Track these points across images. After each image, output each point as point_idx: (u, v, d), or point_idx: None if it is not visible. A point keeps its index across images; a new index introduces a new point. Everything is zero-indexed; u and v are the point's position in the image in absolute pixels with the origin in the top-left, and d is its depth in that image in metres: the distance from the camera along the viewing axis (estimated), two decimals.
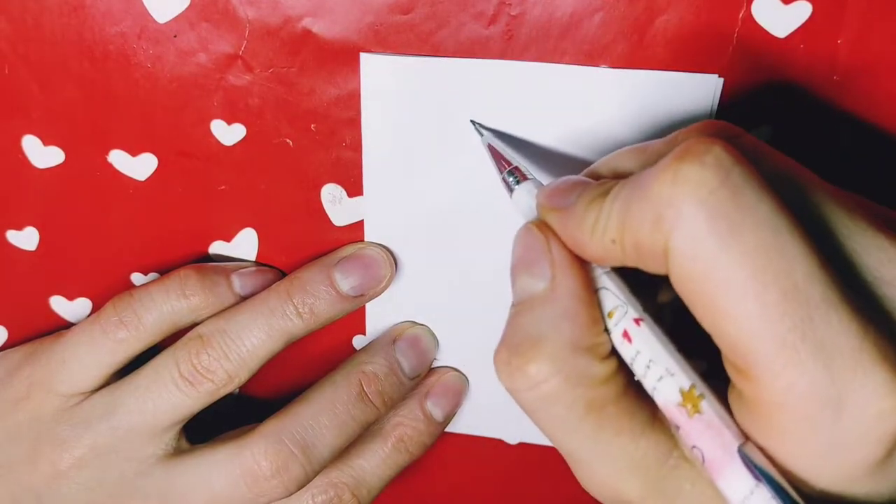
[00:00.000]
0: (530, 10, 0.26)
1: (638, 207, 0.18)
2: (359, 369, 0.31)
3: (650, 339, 0.20)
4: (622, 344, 0.21)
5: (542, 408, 0.20)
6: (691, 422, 0.19)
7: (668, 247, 0.18)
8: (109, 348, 0.30)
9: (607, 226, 0.19)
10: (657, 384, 0.20)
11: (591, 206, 0.20)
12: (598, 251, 0.20)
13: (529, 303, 0.21)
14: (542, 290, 0.21)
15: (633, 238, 0.18)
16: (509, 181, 0.25)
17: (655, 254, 0.18)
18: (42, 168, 0.30)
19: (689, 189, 0.17)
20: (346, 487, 0.31)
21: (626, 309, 0.21)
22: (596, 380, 0.20)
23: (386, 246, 0.30)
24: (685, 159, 0.18)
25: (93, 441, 0.30)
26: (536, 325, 0.21)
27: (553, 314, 0.20)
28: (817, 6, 0.24)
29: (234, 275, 0.30)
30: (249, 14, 0.27)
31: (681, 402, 0.19)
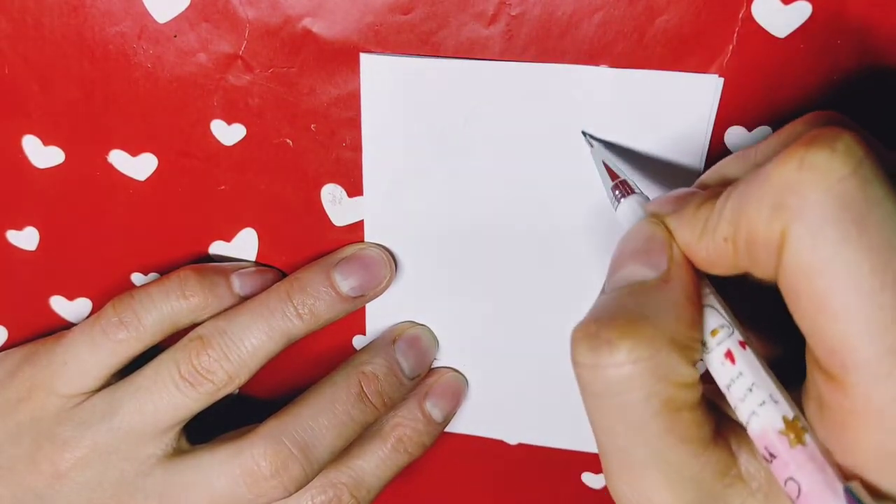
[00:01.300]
0: (530, 10, 0.26)
1: (757, 196, 0.17)
2: (358, 370, 0.31)
3: (754, 363, 0.20)
4: (723, 364, 0.20)
5: (616, 391, 0.19)
6: (792, 452, 0.18)
7: (787, 235, 0.17)
8: (109, 349, 0.30)
9: (719, 223, 0.19)
10: (758, 409, 0.19)
11: (701, 207, 0.19)
12: (709, 252, 0.19)
13: (635, 288, 0.20)
14: (653, 280, 0.20)
15: (748, 230, 0.18)
16: (615, 194, 0.24)
17: (769, 246, 0.17)
18: (42, 168, 0.30)
19: (817, 176, 0.16)
20: (345, 488, 0.31)
21: (732, 330, 0.20)
22: (681, 380, 0.19)
23: (386, 246, 0.30)
24: (813, 145, 0.17)
25: (93, 441, 0.30)
26: (640, 307, 0.19)
27: (660, 302, 0.19)
28: (817, 6, 0.24)
29: (233, 275, 0.30)
30: (249, 14, 0.27)
31: (783, 430, 0.19)
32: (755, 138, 0.27)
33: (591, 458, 0.35)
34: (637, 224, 0.22)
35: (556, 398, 0.33)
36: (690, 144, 0.27)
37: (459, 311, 0.32)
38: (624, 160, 0.27)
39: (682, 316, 0.19)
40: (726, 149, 0.27)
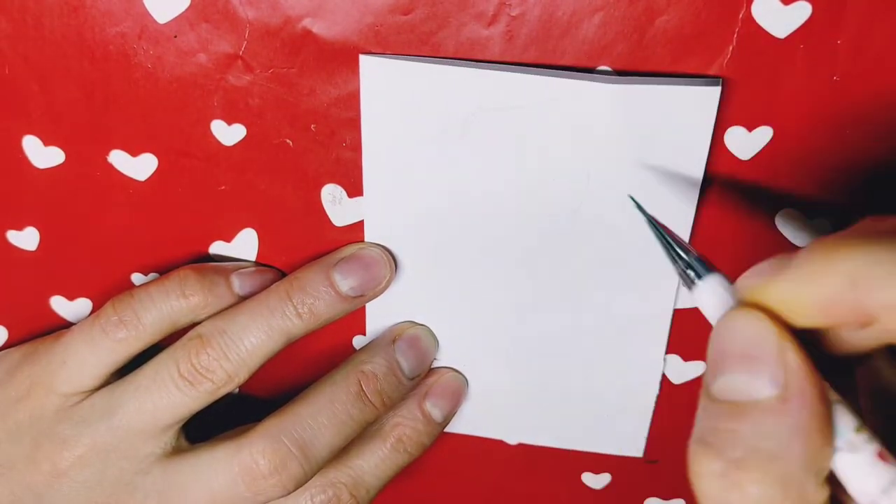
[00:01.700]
0: (530, 10, 0.26)
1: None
2: (358, 369, 0.31)
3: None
4: (875, 465, 0.18)
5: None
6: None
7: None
8: (109, 348, 0.30)
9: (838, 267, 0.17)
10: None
11: (821, 251, 0.18)
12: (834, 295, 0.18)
13: (753, 409, 0.18)
14: (770, 398, 0.18)
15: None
16: (690, 275, 0.21)
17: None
18: (42, 168, 0.30)
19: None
20: (344, 487, 0.31)
21: (871, 433, 0.19)
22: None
23: (386, 246, 0.30)
24: None
25: (93, 440, 0.30)
26: (764, 440, 0.18)
27: (785, 430, 0.18)
28: (817, 6, 0.24)
29: (233, 275, 0.30)
30: (249, 14, 0.27)
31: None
32: (755, 138, 0.27)
33: (591, 458, 0.35)
34: (737, 315, 0.19)
35: (556, 398, 0.33)
36: (691, 152, 0.27)
37: (459, 311, 0.32)
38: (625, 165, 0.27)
39: (811, 439, 0.18)
40: (726, 149, 0.27)
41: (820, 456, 0.18)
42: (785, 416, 0.18)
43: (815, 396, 0.18)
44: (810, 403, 0.18)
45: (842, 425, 0.18)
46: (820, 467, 0.18)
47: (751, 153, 0.27)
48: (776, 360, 0.18)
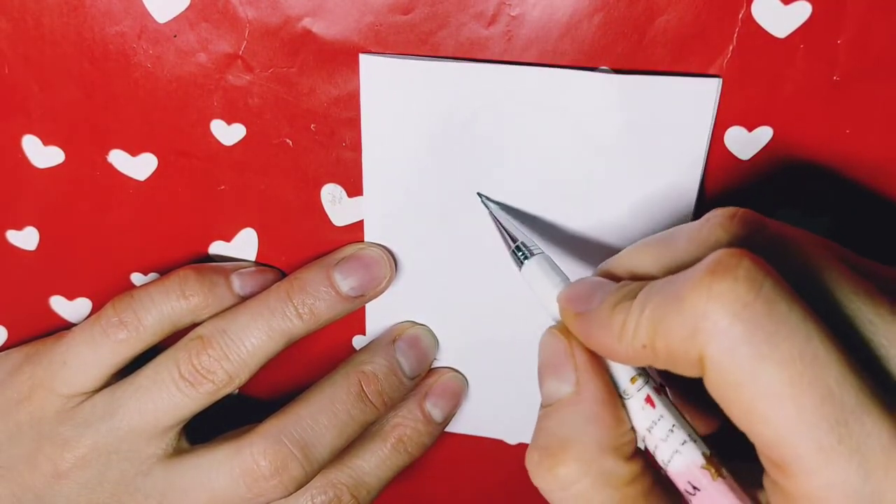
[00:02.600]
0: (530, 10, 0.26)
1: (672, 319, 0.19)
2: (358, 369, 0.31)
3: (671, 406, 0.22)
4: (643, 409, 0.21)
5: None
6: (714, 484, 0.20)
7: (705, 357, 0.18)
8: (110, 349, 0.30)
9: (637, 332, 0.20)
10: (680, 447, 0.21)
11: (616, 309, 0.20)
12: (628, 354, 0.20)
13: (557, 406, 0.22)
14: (567, 394, 0.22)
15: (667, 345, 0.19)
16: (518, 256, 0.26)
17: (690, 362, 0.19)
18: (42, 168, 0.30)
19: (724, 304, 0.18)
20: (345, 488, 0.31)
21: (648, 378, 0.22)
22: (623, 479, 0.21)
23: (386, 246, 0.30)
24: (717, 274, 0.18)
25: (94, 441, 0.30)
26: (563, 428, 0.22)
27: (579, 417, 0.21)
28: (817, 6, 0.24)
29: (233, 275, 0.30)
30: (249, 14, 0.27)
31: (705, 464, 0.20)
32: (755, 138, 0.27)
33: None
34: (543, 336, 0.24)
35: None
36: (691, 145, 0.27)
37: (459, 311, 0.32)
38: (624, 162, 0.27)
39: (601, 422, 0.21)
40: (726, 149, 0.27)
41: (614, 435, 0.21)
42: (578, 405, 0.22)
43: (603, 387, 0.22)
44: (596, 391, 0.22)
45: (620, 378, 0.22)
46: (618, 444, 0.21)
47: (751, 153, 0.27)
48: (569, 364, 0.22)
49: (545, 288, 0.25)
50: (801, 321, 0.18)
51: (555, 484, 0.21)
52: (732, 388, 0.18)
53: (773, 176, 0.27)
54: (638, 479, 0.21)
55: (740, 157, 0.27)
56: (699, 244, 0.21)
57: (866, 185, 0.27)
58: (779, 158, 0.27)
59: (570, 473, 0.21)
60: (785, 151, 0.27)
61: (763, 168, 0.27)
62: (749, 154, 0.27)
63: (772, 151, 0.27)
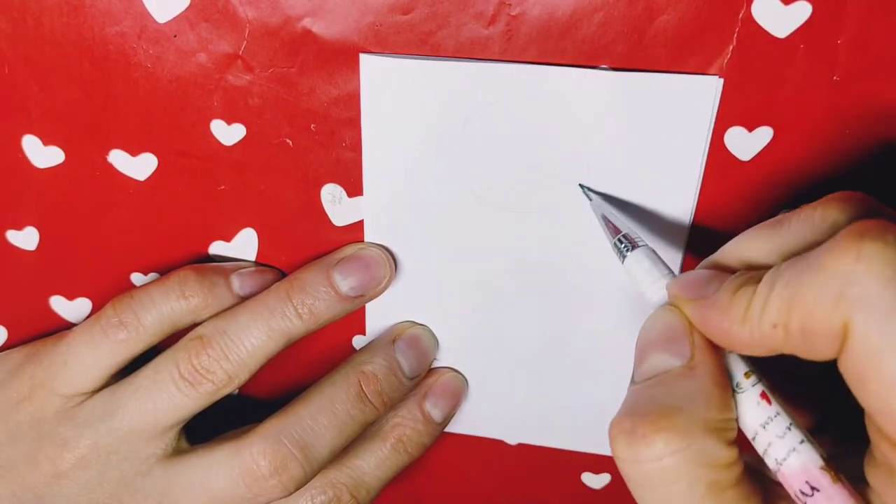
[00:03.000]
0: (530, 10, 0.26)
1: (812, 287, 0.18)
2: (358, 369, 0.31)
3: (784, 405, 0.21)
4: (758, 404, 0.21)
5: (659, 483, 0.20)
6: (835, 487, 0.19)
7: (850, 325, 0.17)
8: (110, 349, 0.30)
9: (766, 310, 0.19)
10: (798, 446, 0.20)
11: (740, 292, 0.20)
12: (753, 338, 0.19)
13: (663, 378, 0.21)
14: (679, 368, 0.21)
15: (803, 319, 0.18)
16: (620, 248, 0.25)
17: (830, 334, 0.18)
18: (42, 168, 0.30)
19: (876, 267, 0.17)
20: (344, 488, 0.31)
21: (761, 375, 0.21)
22: (720, 462, 0.20)
23: (385, 246, 0.30)
24: (866, 237, 0.17)
25: (93, 441, 0.30)
26: (670, 399, 0.20)
27: (690, 390, 0.21)
28: (817, 6, 0.24)
29: (233, 275, 0.30)
30: (249, 14, 0.27)
31: (824, 466, 0.20)
32: (755, 138, 0.27)
33: (591, 458, 0.35)
34: (655, 312, 0.23)
35: (555, 398, 0.33)
36: (690, 145, 0.27)
37: (459, 311, 0.32)
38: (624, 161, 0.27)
39: (712, 400, 0.20)
40: (726, 149, 0.27)
41: (719, 418, 0.20)
42: (690, 379, 0.21)
43: (717, 367, 0.21)
44: (711, 371, 0.21)
45: (735, 371, 0.21)
46: (723, 426, 0.20)
47: (751, 153, 0.27)
48: (686, 340, 0.21)
49: (650, 279, 0.24)
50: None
51: (648, 453, 0.20)
52: (877, 359, 0.17)
53: (773, 176, 0.27)
54: (734, 465, 0.20)
55: (740, 158, 0.27)
56: (815, 226, 0.20)
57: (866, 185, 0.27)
58: (779, 158, 0.27)
59: (669, 443, 0.20)
60: (785, 151, 0.27)
61: (763, 168, 0.27)
62: (749, 154, 0.27)
63: (772, 151, 0.27)
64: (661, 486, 0.20)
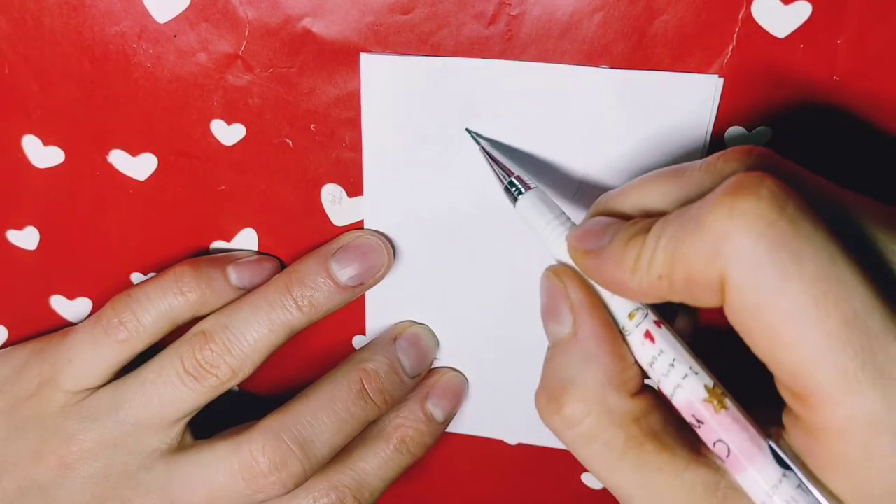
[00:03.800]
0: (530, 10, 0.26)
1: (691, 242, 0.18)
2: (359, 367, 0.31)
3: (672, 340, 0.21)
4: (643, 345, 0.21)
5: (582, 446, 0.21)
6: (717, 417, 0.20)
7: (726, 279, 0.18)
8: (112, 348, 0.30)
9: (653, 262, 0.19)
10: (682, 381, 0.20)
11: (630, 243, 0.20)
12: (642, 288, 0.20)
13: (556, 348, 0.22)
14: (566, 335, 0.22)
15: (685, 272, 0.19)
16: (511, 191, 0.25)
17: (709, 286, 0.18)
18: (42, 168, 0.30)
19: (747, 223, 0.17)
20: (348, 490, 0.31)
21: (647, 312, 0.22)
22: (629, 417, 0.21)
23: (383, 232, 0.30)
24: (740, 193, 0.18)
25: (99, 435, 0.30)
26: (565, 369, 0.22)
27: (578, 357, 0.21)
28: (817, 6, 0.24)
29: (229, 267, 0.30)
30: (249, 14, 0.27)
31: (707, 398, 0.20)
32: (755, 138, 0.27)
33: None
34: (541, 279, 0.24)
35: None
36: (690, 144, 0.27)
37: (460, 310, 0.32)
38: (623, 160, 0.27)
39: (602, 360, 0.21)
40: None
41: (616, 371, 0.21)
42: (576, 346, 0.22)
43: (600, 324, 0.22)
44: (594, 329, 0.22)
45: (618, 315, 0.22)
46: (621, 380, 0.21)
47: None
48: (564, 304, 0.22)
49: (541, 223, 0.24)
50: (825, 242, 0.17)
51: (562, 424, 0.21)
52: (754, 311, 0.18)
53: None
54: (646, 416, 0.21)
55: None
56: (713, 176, 0.20)
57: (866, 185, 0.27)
58: None
59: (575, 413, 0.21)
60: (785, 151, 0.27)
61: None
62: None
63: None
64: (585, 448, 0.21)
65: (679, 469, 0.20)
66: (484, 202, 0.29)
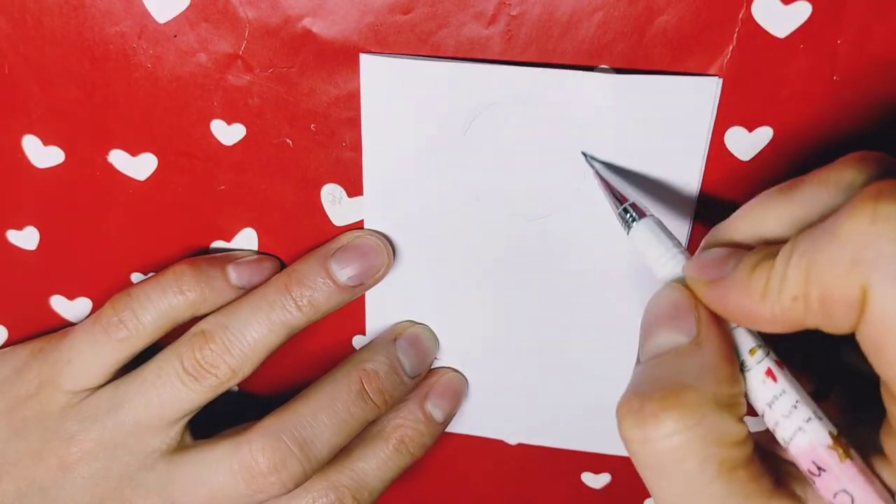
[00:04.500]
0: (530, 10, 0.26)
1: (828, 254, 0.17)
2: (359, 367, 0.31)
3: (794, 381, 0.20)
4: (764, 382, 0.20)
5: (670, 462, 0.19)
6: (842, 466, 0.19)
7: (868, 288, 0.17)
8: (112, 348, 0.30)
9: (784, 283, 0.18)
10: (804, 425, 0.19)
11: (758, 270, 0.19)
12: (774, 314, 0.19)
13: (670, 355, 0.21)
14: (686, 345, 0.21)
15: (822, 287, 0.18)
16: (626, 218, 0.25)
17: (848, 302, 0.17)
18: (42, 168, 0.30)
19: (893, 227, 0.16)
20: (347, 490, 0.31)
21: (769, 350, 0.21)
22: (731, 439, 0.19)
23: (383, 232, 0.30)
24: (882, 198, 0.17)
25: (100, 435, 0.30)
26: (678, 376, 0.20)
27: (698, 366, 0.20)
28: (817, 6, 0.24)
29: (229, 266, 0.30)
30: (249, 14, 0.27)
31: (832, 444, 0.19)
32: (755, 138, 0.27)
33: (591, 458, 0.35)
34: (660, 290, 0.22)
35: (556, 398, 0.33)
36: (690, 144, 0.27)
37: (459, 310, 0.32)
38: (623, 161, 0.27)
39: (720, 376, 0.20)
40: (726, 149, 0.27)
41: (728, 394, 0.20)
42: (698, 355, 0.20)
43: (724, 342, 0.21)
44: (718, 346, 0.20)
45: (741, 348, 0.21)
46: (732, 402, 0.20)
47: (751, 153, 0.27)
48: (692, 316, 0.21)
49: (657, 252, 0.23)
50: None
51: (658, 432, 0.19)
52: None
53: (773, 176, 0.27)
54: (745, 442, 0.20)
55: (740, 158, 0.27)
56: (830, 190, 0.19)
57: None
58: (779, 158, 0.27)
59: (679, 420, 0.19)
60: (785, 151, 0.27)
61: (763, 168, 0.27)
62: (749, 154, 0.27)
63: (772, 151, 0.27)
64: (672, 464, 0.19)
65: (764, 498, 0.19)
66: (484, 201, 0.29)
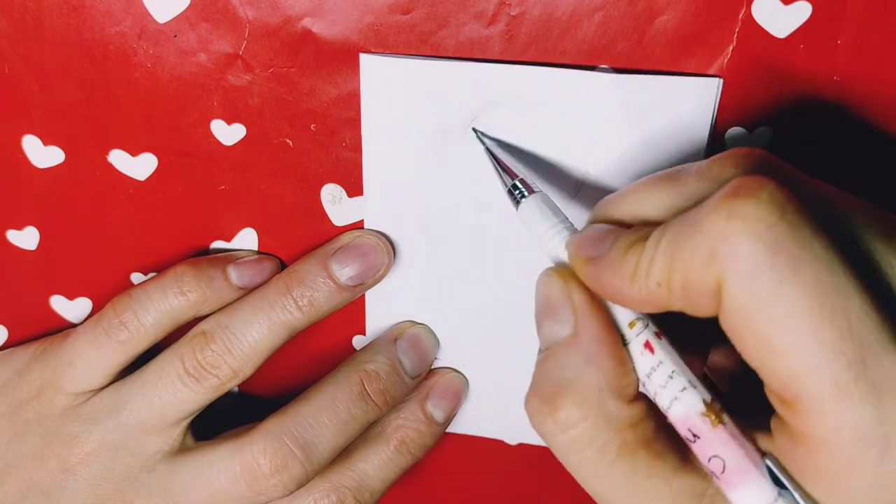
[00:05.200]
0: (530, 10, 0.26)
1: (689, 245, 0.18)
2: (360, 368, 0.31)
3: (672, 352, 0.21)
4: (642, 354, 0.21)
5: (573, 452, 0.21)
6: (714, 431, 0.20)
7: (723, 282, 0.18)
8: (113, 349, 0.30)
9: (651, 268, 0.19)
10: (679, 394, 0.20)
11: (630, 251, 0.20)
12: (641, 296, 0.20)
13: (555, 349, 0.22)
14: (565, 336, 0.21)
15: (683, 277, 0.18)
16: (514, 194, 0.25)
17: (706, 292, 0.18)
18: (42, 168, 0.30)
19: (746, 224, 0.17)
20: (348, 491, 0.31)
21: (647, 322, 0.21)
22: (625, 423, 0.20)
23: (383, 232, 0.30)
24: (739, 196, 0.17)
25: (101, 437, 0.30)
26: (562, 371, 0.21)
27: (578, 358, 0.21)
28: (817, 6, 0.24)
29: (230, 266, 0.30)
30: (249, 14, 0.27)
31: (704, 412, 0.20)
32: (755, 138, 0.27)
33: None
34: (538, 279, 0.23)
35: None
36: (691, 145, 0.27)
37: (459, 310, 0.32)
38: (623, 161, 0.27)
39: (602, 364, 0.21)
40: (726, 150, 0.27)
41: (615, 376, 0.21)
42: (578, 347, 0.21)
43: (602, 328, 0.21)
44: (597, 334, 0.21)
45: (620, 322, 0.21)
46: (619, 386, 0.21)
47: None
48: (567, 305, 0.21)
49: (542, 228, 0.24)
50: (824, 250, 0.17)
51: (555, 428, 0.21)
52: (749, 316, 0.17)
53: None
54: (640, 423, 0.20)
55: None
56: (710, 182, 0.20)
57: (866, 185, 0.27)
58: None
59: (570, 416, 0.20)
60: (785, 151, 0.27)
61: None
62: None
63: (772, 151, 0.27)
64: (575, 453, 0.21)
65: (668, 476, 0.20)
66: (484, 202, 0.29)
